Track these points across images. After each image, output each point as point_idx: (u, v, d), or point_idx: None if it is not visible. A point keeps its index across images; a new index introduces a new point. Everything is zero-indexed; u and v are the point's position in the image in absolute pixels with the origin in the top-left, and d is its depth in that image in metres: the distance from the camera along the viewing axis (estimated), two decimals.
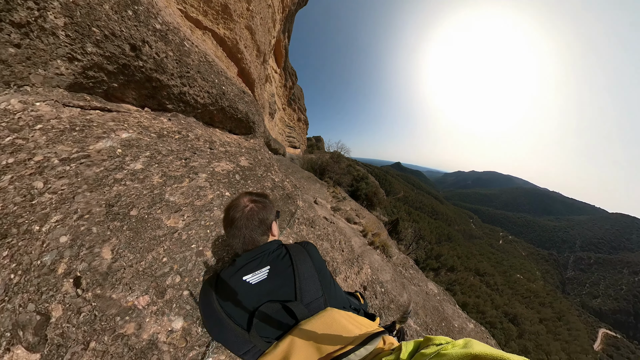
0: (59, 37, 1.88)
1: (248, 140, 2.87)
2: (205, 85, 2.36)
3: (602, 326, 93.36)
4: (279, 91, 22.35)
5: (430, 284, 4.44)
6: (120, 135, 1.75)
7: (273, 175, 2.48)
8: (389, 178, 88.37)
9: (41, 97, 1.88)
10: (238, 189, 1.94)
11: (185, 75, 2.26)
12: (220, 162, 1.98)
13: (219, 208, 1.63)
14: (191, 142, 1.97)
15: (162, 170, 1.61)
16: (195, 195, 1.61)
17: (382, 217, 17.61)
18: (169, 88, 2.24)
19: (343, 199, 9.11)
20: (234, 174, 2.02)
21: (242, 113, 2.81)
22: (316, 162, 20.32)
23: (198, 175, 1.74)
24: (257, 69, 7.53)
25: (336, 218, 4.09)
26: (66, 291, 1.13)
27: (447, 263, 60.23)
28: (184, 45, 2.38)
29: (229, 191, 1.85)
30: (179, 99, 2.29)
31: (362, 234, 4.01)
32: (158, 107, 2.37)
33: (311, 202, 4.07)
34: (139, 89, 2.27)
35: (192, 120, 2.34)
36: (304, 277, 0.80)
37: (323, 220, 3.09)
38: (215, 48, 4.62)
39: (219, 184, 1.83)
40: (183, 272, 1.26)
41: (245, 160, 2.28)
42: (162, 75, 2.19)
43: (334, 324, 0.70)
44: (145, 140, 1.75)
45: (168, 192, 1.51)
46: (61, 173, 1.42)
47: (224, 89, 2.54)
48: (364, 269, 2.75)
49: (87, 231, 1.20)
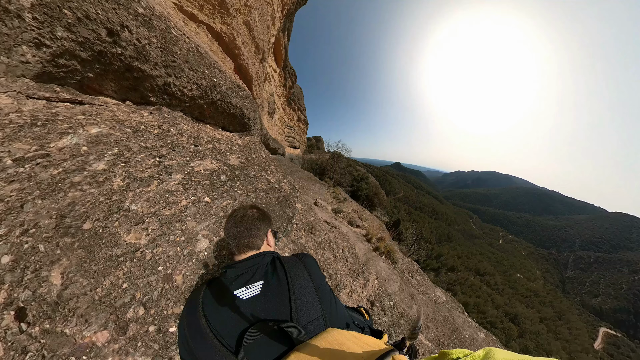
0: (24, 20, 1.64)
1: (242, 138, 2.62)
2: (193, 76, 2.12)
3: (603, 325, 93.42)
4: (279, 91, 22.17)
5: (437, 290, 4.21)
6: (90, 130, 1.51)
7: (269, 176, 2.23)
8: (388, 178, 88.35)
9: (2, 88, 1.63)
10: (222, 193, 1.68)
11: (170, 64, 2.01)
12: (203, 160, 1.74)
13: (194, 219, 1.36)
14: (172, 138, 1.72)
15: (128, 170, 1.36)
16: (163, 203, 1.34)
17: (383, 218, 17.42)
18: (152, 79, 2.00)
19: (344, 200, 8.87)
20: (218, 175, 1.77)
21: (235, 108, 2.57)
22: (316, 162, 20.10)
23: (171, 177, 1.48)
24: (255, 66, 7.32)
25: (338, 221, 3.84)
26: (7, 326, 0.89)
27: (448, 263, 60.22)
28: (170, 32, 2.13)
29: (209, 196, 1.58)
30: (163, 90, 2.04)
31: (366, 238, 3.77)
32: (141, 100, 2.12)
33: (311, 204, 3.83)
34: (119, 79, 2.02)
35: (179, 114, 2.10)
36: (300, 294, 0.74)
37: (324, 225, 2.86)
38: (210, 42, 4.38)
39: (197, 187, 1.57)
40: (148, 303, 1.02)
41: (235, 158, 2.04)
42: (145, 64, 1.94)
43: (336, 346, 0.62)
44: (117, 136, 1.51)
45: (129, 199, 1.25)
46: (12, 176, 1.17)
47: (215, 81, 2.30)
48: (370, 280, 2.51)
49: (32, 250, 0.96)
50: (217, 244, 1.34)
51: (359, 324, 0.94)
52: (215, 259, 1.29)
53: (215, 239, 1.36)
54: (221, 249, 1.33)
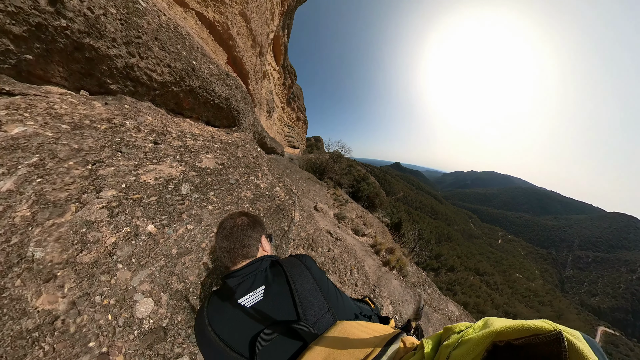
0: None
1: (230, 134, 2.18)
2: (165, 57, 1.69)
3: (601, 324, 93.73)
4: (278, 89, 21.76)
5: (450, 304, 3.81)
6: (10, 130, 1.08)
7: (259, 180, 1.81)
8: (388, 178, 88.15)
9: None
10: (180, 214, 1.19)
11: (134, 41, 1.58)
12: (159, 164, 1.30)
13: (127, 265, 0.92)
14: (123, 135, 1.29)
15: (41, 190, 0.93)
16: (79, 243, 0.88)
17: (384, 219, 17.07)
18: (110, 60, 1.56)
19: (345, 202, 8.45)
20: (177, 185, 1.31)
21: (221, 98, 2.13)
22: (316, 162, 19.67)
23: (98, 195, 1.03)
24: (252, 60, 6.89)
25: (342, 231, 3.42)
26: None
27: (447, 263, 60.24)
28: (136, 2, 1.70)
29: (155, 222, 1.10)
30: (125, 75, 1.61)
31: (374, 250, 3.35)
32: (99, 89, 1.69)
33: (310, 210, 3.40)
34: (67, 62, 1.59)
35: (146, 105, 1.67)
36: (304, 293, 0.73)
37: (327, 238, 2.44)
38: (199, 29, 3.94)
39: (134, 209, 1.08)
40: None
41: (212, 159, 1.60)
42: (99, 41, 1.51)
43: (348, 335, 0.65)
44: (44, 137, 1.07)
45: (35, 239, 0.82)
46: None
47: (194, 64, 1.86)
48: (384, 307, 2.11)
49: None
50: (174, 304, 0.93)
51: (366, 313, 0.94)
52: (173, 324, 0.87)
53: (165, 297, 0.93)
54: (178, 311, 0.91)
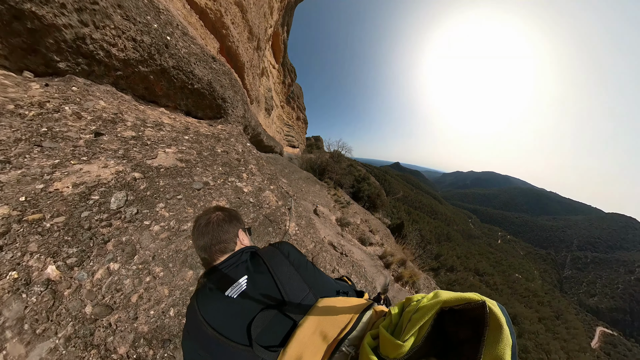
0: None
1: (213, 126, 1.80)
2: (128, 27, 1.31)
3: (600, 324, 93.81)
4: (277, 88, 21.33)
5: None
6: None
7: (242, 182, 1.43)
8: (388, 178, 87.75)
9: None
10: (95, 246, 0.90)
11: (88, 8, 1.20)
12: (91, 162, 0.92)
13: (17, 334, 0.67)
14: (53, 124, 0.94)
15: None
16: None
17: (385, 220, 16.74)
18: (58, 31, 1.19)
19: (347, 204, 8.06)
20: (106, 193, 0.92)
21: (202, 82, 1.74)
22: (315, 161, 19.27)
23: None
24: (248, 52, 6.49)
25: (347, 240, 3.03)
26: None
27: (447, 263, 60.05)
28: None
29: (58, 259, 0.80)
30: (76, 50, 1.24)
31: (384, 262, 2.97)
32: (46, 69, 1.31)
33: (310, 216, 3.02)
34: (6, 36, 1.21)
35: (104, 89, 1.29)
36: (284, 279, 0.78)
37: (330, 253, 2.06)
38: (187, 13, 3.55)
39: (27, 238, 0.77)
40: None
41: (171, 155, 1.22)
42: (43, 7, 1.14)
43: (330, 310, 0.73)
44: None
45: None
46: None
47: (168, 40, 1.48)
48: None
49: None
50: None
51: (345, 290, 0.98)
52: None
53: None
54: None
